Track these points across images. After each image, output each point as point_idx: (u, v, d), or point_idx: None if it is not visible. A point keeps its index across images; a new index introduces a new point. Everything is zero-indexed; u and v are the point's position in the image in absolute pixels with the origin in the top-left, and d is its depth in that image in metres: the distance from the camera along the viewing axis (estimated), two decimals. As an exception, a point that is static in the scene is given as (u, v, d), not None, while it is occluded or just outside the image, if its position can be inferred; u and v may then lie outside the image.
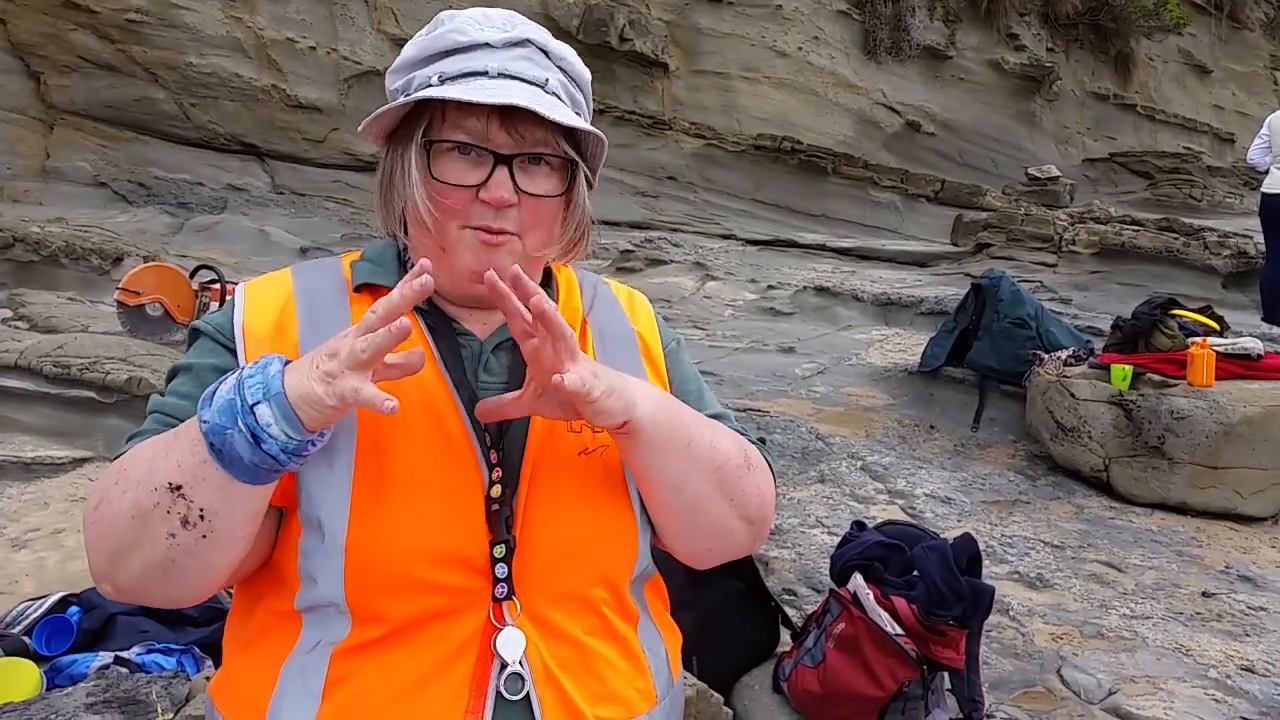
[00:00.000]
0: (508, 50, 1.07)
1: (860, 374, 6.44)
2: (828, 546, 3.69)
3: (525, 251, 1.08)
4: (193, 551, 0.92)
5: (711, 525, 1.12)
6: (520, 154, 1.05)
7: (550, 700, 1.01)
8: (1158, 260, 8.48)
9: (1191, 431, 4.42)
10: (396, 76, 1.11)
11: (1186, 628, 3.36)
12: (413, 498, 0.99)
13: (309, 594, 0.99)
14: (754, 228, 11.90)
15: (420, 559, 0.99)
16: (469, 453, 1.03)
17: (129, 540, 0.92)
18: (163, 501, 0.90)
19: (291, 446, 0.88)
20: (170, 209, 9.17)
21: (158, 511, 0.90)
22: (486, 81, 1.03)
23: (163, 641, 2.55)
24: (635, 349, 1.20)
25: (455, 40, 1.06)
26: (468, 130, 1.04)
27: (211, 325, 1.09)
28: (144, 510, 0.91)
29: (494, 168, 1.04)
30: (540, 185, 1.07)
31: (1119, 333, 5.08)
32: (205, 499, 0.90)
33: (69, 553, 3.56)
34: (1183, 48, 17.41)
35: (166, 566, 0.93)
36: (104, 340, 4.84)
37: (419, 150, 1.05)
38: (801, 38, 13.13)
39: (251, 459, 0.87)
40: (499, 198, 1.03)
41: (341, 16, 10.43)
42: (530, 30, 1.10)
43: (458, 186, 1.04)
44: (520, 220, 1.06)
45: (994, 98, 14.78)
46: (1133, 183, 14.03)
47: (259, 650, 1.03)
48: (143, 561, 0.93)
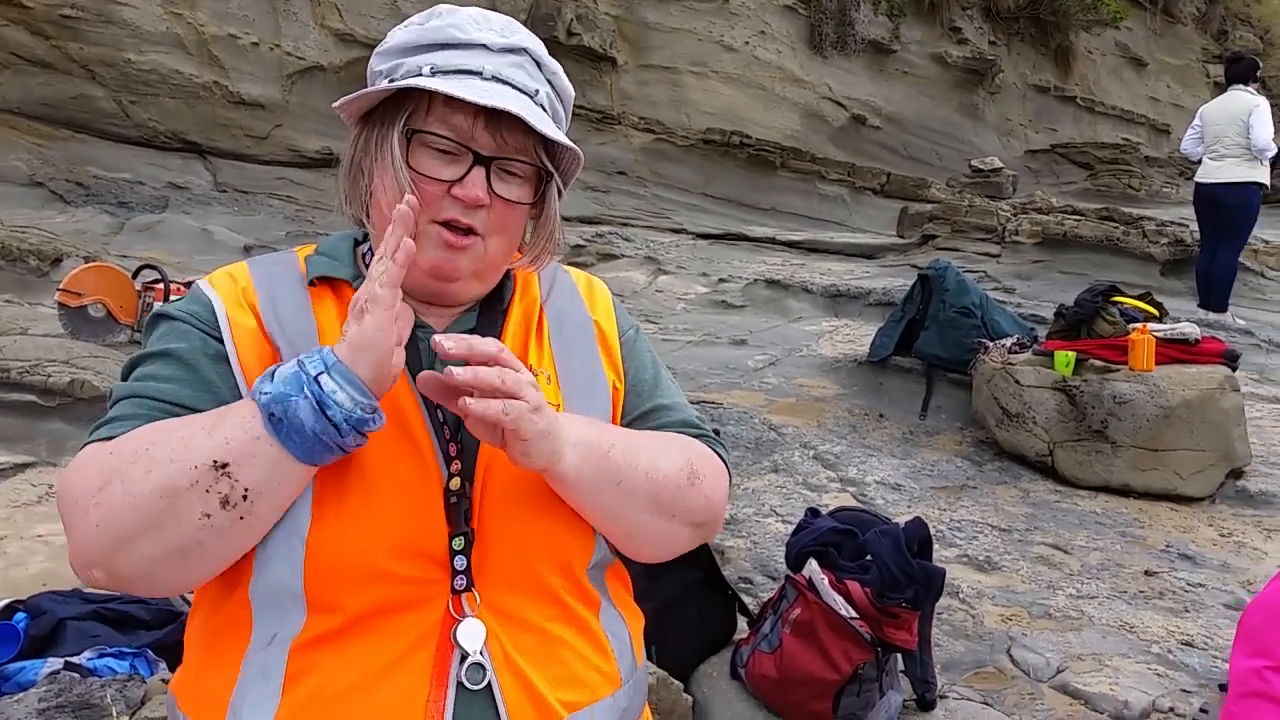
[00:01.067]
0: (503, 55, 1.08)
1: (811, 365, 6.50)
2: (782, 535, 3.74)
3: (486, 254, 1.09)
4: (225, 534, 0.92)
5: (654, 538, 1.14)
6: (500, 158, 1.06)
7: (512, 688, 1.01)
8: (1098, 249, 8.66)
9: (1133, 415, 4.53)
10: (383, 59, 1.10)
11: (1130, 606, 3.45)
12: (373, 490, 0.99)
13: (264, 580, 0.98)
14: (704, 221, 11.96)
15: (380, 550, 0.99)
16: (428, 446, 1.03)
17: (148, 522, 0.90)
18: (202, 480, 0.89)
19: (355, 416, 0.90)
20: (110, 208, 8.98)
21: (195, 491, 0.89)
22: (479, 82, 1.04)
23: (114, 645, 2.51)
24: (592, 337, 1.21)
25: (453, 35, 1.07)
26: (452, 126, 1.05)
27: (186, 313, 1.07)
28: (177, 489, 0.89)
29: (472, 166, 1.05)
30: (513, 191, 1.08)
31: (1062, 320, 5.19)
32: (252, 477, 0.90)
33: (12, 559, 3.48)
34: (1120, 41, 17.79)
35: (189, 550, 0.91)
36: (45, 343, 4.74)
37: (401, 138, 1.05)
38: (748, 32, 13.20)
39: (314, 427, 0.89)
40: (473, 196, 1.04)
41: (284, 12, 10.28)
42: (527, 40, 1.11)
43: (433, 180, 1.05)
44: (488, 222, 1.07)
45: (937, 91, 14.98)
46: (1073, 173, 14.33)
47: (219, 646, 1.03)
48: (161, 545, 0.91)
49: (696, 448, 1.19)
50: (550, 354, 1.17)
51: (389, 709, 0.98)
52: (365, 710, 0.97)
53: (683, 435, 1.21)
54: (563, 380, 1.15)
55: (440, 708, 0.98)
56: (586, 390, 1.17)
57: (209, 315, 1.06)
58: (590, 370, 1.19)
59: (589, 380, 1.18)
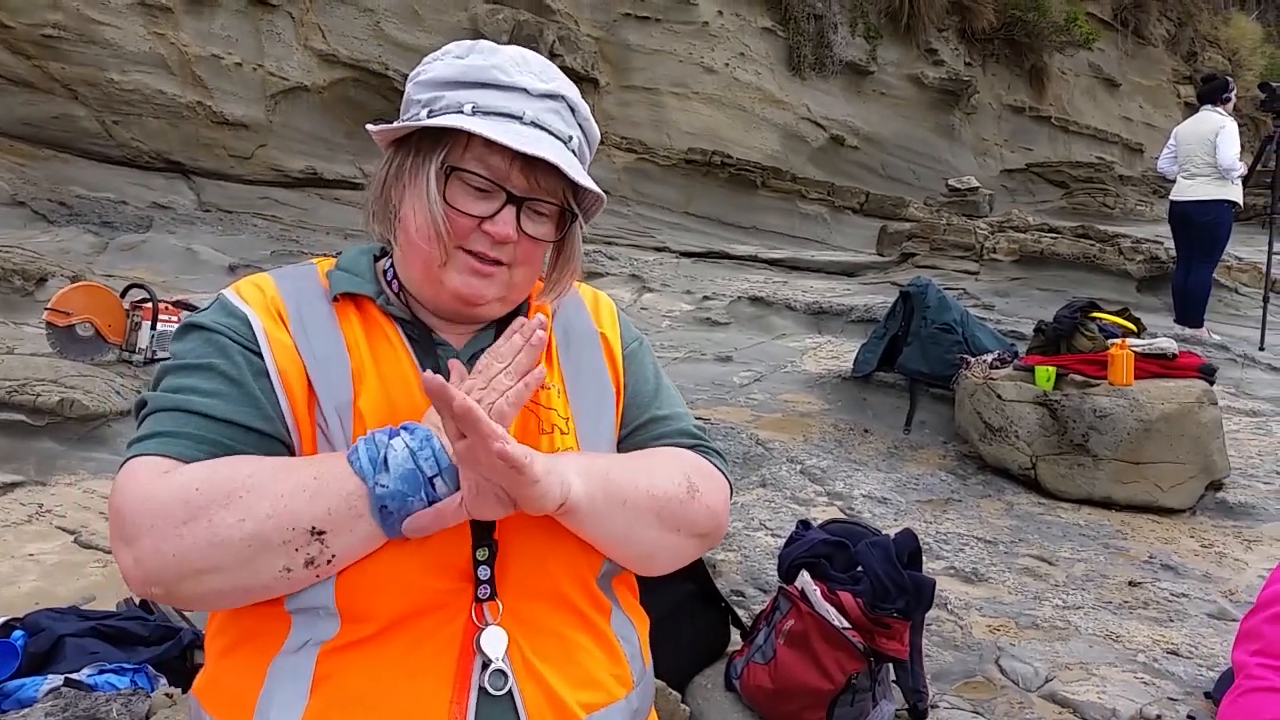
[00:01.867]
0: (542, 100, 1.12)
1: (796, 381, 6.56)
2: (772, 548, 3.77)
3: (511, 282, 1.14)
4: (296, 584, 0.98)
5: (665, 554, 1.19)
6: (531, 199, 1.11)
7: (532, 693, 1.05)
8: (1075, 266, 8.79)
9: (1114, 429, 4.61)
10: (422, 89, 1.13)
11: (1115, 616, 3.50)
12: None
13: (299, 597, 1.02)
14: (687, 240, 12.04)
15: (407, 565, 1.02)
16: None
17: (227, 564, 0.95)
18: (295, 540, 0.95)
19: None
20: (94, 228, 8.95)
21: (285, 548, 0.95)
22: (520, 128, 1.08)
23: (114, 662, 2.51)
24: (598, 349, 1.26)
25: (495, 77, 1.10)
26: (490, 167, 1.09)
27: (224, 326, 1.09)
28: (268, 544, 0.95)
29: (504, 205, 1.10)
30: (539, 229, 1.14)
31: (1042, 335, 5.27)
32: (342, 547, 0.97)
33: (3, 578, 3.47)
34: (1093, 62, 18.08)
35: (254, 591, 0.98)
36: (33, 362, 4.73)
37: (439, 173, 1.09)
38: (728, 54, 13.33)
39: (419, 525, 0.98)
40: (504, 233, 1.09)
41: (268, 32, 10.31)
42: (564, 86, 1.15)
43: (466, 215, 1.09)
44: (514, 255, 1.13)
45: (914, 111, 15.16)
46: (1049, 192, 14.51)
47: (247, 650, 1.06)
48: (231, 583, 0.96)
49: (691, 461, 1.22)
50: (559, 367, 1.21)
51: (413, 712, 1.01)
52: (389, 713, 1.00)
53: (680, 449, 1.24)
54: (571, 393, 1.19)
55: (463, 712, 1.02)
56: (595, 403, 1.21)
57: (246, 329, 1.09)
58: (599, 383, 1.23)
59: (597, 393, 1.22)
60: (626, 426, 1.25)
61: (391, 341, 1.13)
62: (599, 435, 1.19)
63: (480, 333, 1.19)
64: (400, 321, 1.15)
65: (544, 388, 1.16)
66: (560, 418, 1.16)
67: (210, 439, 1.02)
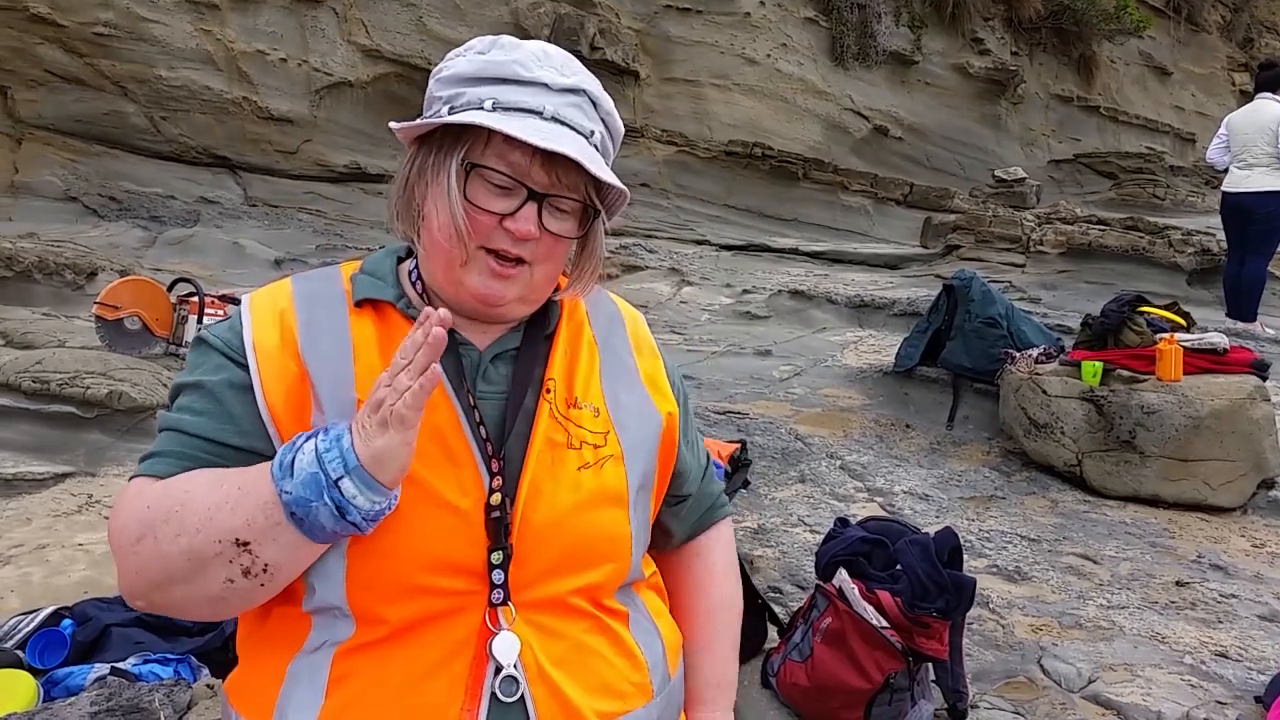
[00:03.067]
0: (563, 95, 1.11)
1: (836, 375, 6.51)
2: (810, 544, 3.75)
3: (533, 281, 1.12)
4: (246, 595, 0.98)
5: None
6: (552, 194, 1.10)
7: (544, 700, 1.04)
8: (1124, 259, 8.63)
9: (1161, 425, 4.52)
10: (443, 86, 1.12)
11: (1162, 616, 3.44)
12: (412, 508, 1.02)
13: (313, 599, 1.03)
14: (727, 233, 11.99)
15: (419, 566, 1.02)
16: (469, 462, 1.06)
17: (179, 576, 0.97)
18: (226, 553, 0.95)
19: (373, 513, 0.95)
20: (143, 222, 9.11)
21: (219, 560, 0.95)
22: (540, 123, 1.07)
23: (158, 652, 2.56)
24: (637, 373, 1.24)
25: (515, 72, 1.09)
26: (510, 163, 1.08)
27: (220, 340, 1.10)
28: (203, 557, 0.96)
29: (525, 202, 1.08)
30: (561, 226, 1.12)
31: (1088, 330, 5.18)
32: (272, 556, 0.96)
33: (54, 567, 3.54)
34: (1143, 50, 17.72)
35: (216, 600, 0.99)
36: (83, 355, 4.82)
37: (460, 170, 1.08)
38: (770, 45, 13.24)
39: (334, 528, 0.94)
40: (525, 230, 1.07)
41: (312, 28, 10.41)
42: (586, 80, 1.14)
43: (487, 212, 1.08)
44: (536, 252, 1.11)
45: (960, 101, 14.97)
46: (1098, 183, 14.26)
47: (270, 649, 1.07)
48: (191, 594, 0.98)
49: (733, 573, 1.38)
50: (599, 386, 1.19)
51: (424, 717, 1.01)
52: (402, 715, 1.01)
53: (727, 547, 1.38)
54: (612, 412, 1.17)
55: (475, 710, 1.01)
56: (636, 420, 1.19)
57: (238, 342, 1.09)
58: (638, 401, 1.21)
59: (639, 412, 1.20)
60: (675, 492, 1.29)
61: None
62: (640, 453, 1.18)
63: (506, 334, 1.17)
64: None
65: (576, 406, 1.14)
66: (594, 434, 1.14)
67: (190, 455, 1.04)
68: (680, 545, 1.34)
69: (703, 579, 1.34)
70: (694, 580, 1.34)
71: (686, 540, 1.35)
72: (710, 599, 1.34)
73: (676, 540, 1.33)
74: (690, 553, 1.35)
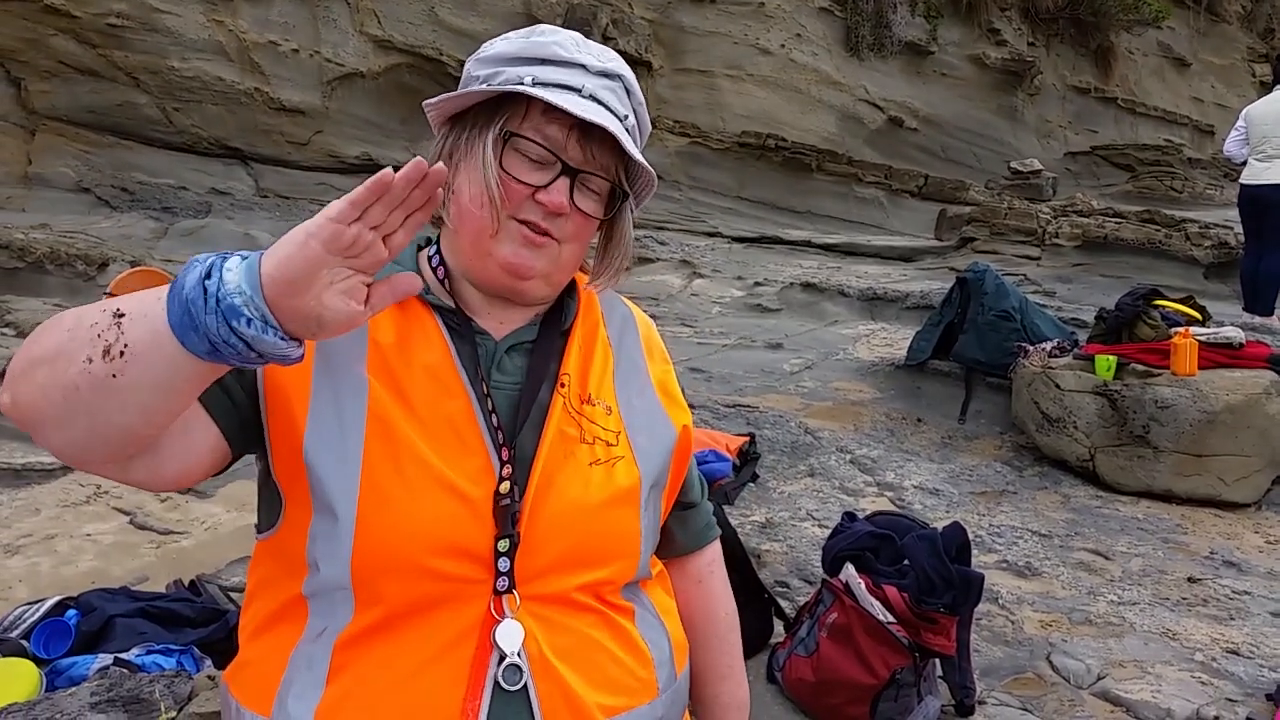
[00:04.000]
0: (600, 78, 1.12)
1: (847, 369, 6.48)
2: (818, 539, 3.73)
3: (560, 258, 1.13)
4: (95, 387, 0.84)
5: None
6: (585, 171, 1.10)
7: (548, 691, 1.03)
8: (1140, 252, 8.56)
9: (1176, 420, 4.48)
10: (482, 66, 1.13)
11: (1173, 613, 3.41)
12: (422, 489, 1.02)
13: (315, 579, 1.02)
14: (739, 225, 11.94)
15: (426, 548, 1.01)
16: (480, 449, 1.06)
17: (51, 351, 0.86)
18: (100, 321, 0.85)
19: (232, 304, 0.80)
20: (154, 214, 9.13)
21: (91, 331, 0.84)
22: (579, 99, 1.08)
23: (161, 642, 2.56)
24: (649, 379, 1.24)
25: (555, 52, 1.10)
26: (547, 136, 1.09)
27: None
28: (81, 325, 0.85)
29: (559, 175, 1.09)
30: (589, 205, 1.13)
31: (1103, 324, 5.13)
32: (135, 335, 0.83)
33: (62, 558, 3.56)
34: (1162, 41, 17.55)
35: (67, 393, 0.85)
36: (92, 345, 4.83)
37: (497, 139, 1.09)
38: (784, 35, 13.17)
39: (191, 291, 0.81)
40: (557, 202, 1.08)
41: (324, 19, 10.40)
42: (621, 68, 1.15)
43: (520, 183, 1.08)
44: (564, 229, 1.11)
45: (976, 93, 14.86)
46: (1114, 175, 14.14)
47: (270, 638, 1.06)
48: (49, 378, 0.85)
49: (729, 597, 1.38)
50: (611, 386, 1.19)
51: (426, 704, 1.00)
52: (403, 705, 1.00)
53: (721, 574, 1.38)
54: (625, 413, 1.17)
55: (476, 707, 1.00)
56: (648, 425, 1.19)
57: None
58: (650, 407, 1.21)
59: (649, 416, 1.20)
60: (684, 499, 1.32)
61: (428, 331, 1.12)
62: (653, 456, 1.17)
63: (524, 327, 1.17)
64: (440, 311, 1.13)
65: (589, 403, 1.15)
66: (606, 431, 1.14)
67: None
68: (679, 556, 1.35)
69: (709, 606, 1.36)
70: (700, 608, 1.35)
71: (686, 553, 1.35)
72: (720, 624, 1.36)
73: (678, 550, 1.34)
74: (690, 579, 1.35)
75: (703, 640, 1.33)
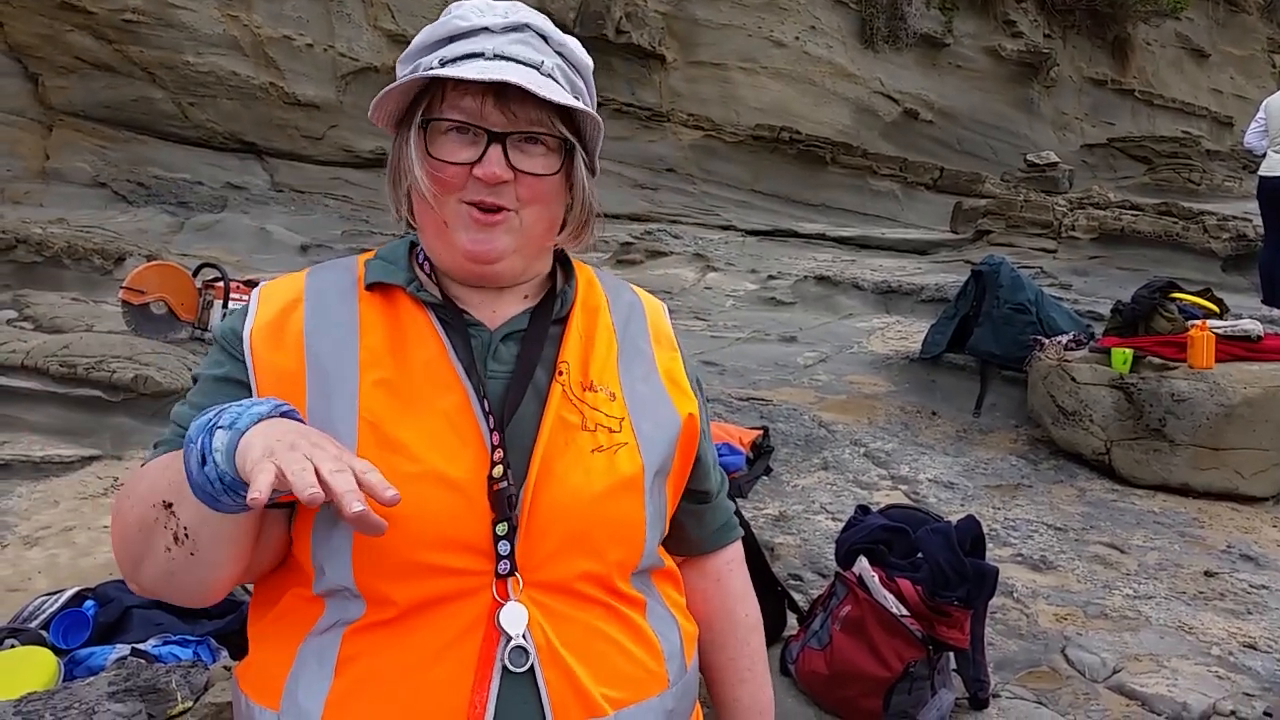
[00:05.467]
0: (506, 35, 1.09)
1: (862, 362, 6.46)
2: (832, 532, 3.72)
3: (524, 228, 1.10)
4: (186, 567, 0.97)
5: None
6: (514, 132, 1.07)
7: (556, 680, 1.03)
8: (1157, 244, 8.50)
9: (1192, 414, 4.45)
10: (404, 65, 1.13)
11: (1189, 607, 3.39)
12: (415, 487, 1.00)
13: (323, 581, 1.02)
14: (753, 218, 11.92)
15: (424, 544, 1.01)
16: (476, 439, 1.05)
17: (140, 551, 0.98)
18: (160, 518, 0.95)
19: (226, 479, 0.86)
20: (170, 208, 9.19)
21: (156, 526, 0.95)
22: (482, 63, 1.06)
23: (178, 633, 2.58)
24: (655, 366, 1.21)
25: (456, 25, 1.09)
26: (463, 109, 1.06)
27: (222, 335, 1.12)
28: (146, 524, 0.96)
29: (488, 145, 1.06)
30: (536, 164, 1.08)
31: (1119, 316, 5.10)
32: (187, 517, 0.93)
33: (80, 549, 3.59)
34: (1180, 32, 17.41)
35: (169, 577, 0.98)
36: (109, 339, 4.86)
37: (418, 130, 1.08)
38: (798, 27, 13.13)
39: (197, 476, 0.87)
40: (491, 174, 1.05)
41: (338, 13, 10.43)
42: (529, 16, 1.13)
43: (453, 164, 1.07)
44: (518, 195, 1.08)
45: (991, 85, 14.78)
46: (1131, 168, 14.05)
47: (280, 632, 1.06)
48: (153, 569, 0.98)
49: (760, 628, 1.35)
50: (615, 371, 1.17)
51: (435, 692, 1.00)
52: (412, 693, 1.00)
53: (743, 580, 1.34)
54: (628, 400, 1.15)
55: (484, 697, 1.00)
56: (653, 412, 1.16)
57: (235, 336, 1.10)
58: (655, 394, 1.19)
59: (654, 403, 1.18)
60: (696, 486, 1.27)
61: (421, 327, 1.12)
62: (657, 442, 1.15)
63: (514, 318, 1.16)
64: (431, 306, 1.13)
65: (591, 389, 1.13)
66: (609, 418, 1.12)
67: (179, 444, 1.02)
68: (699, 556, 1.32)
69: (729, 607, 1.33)
70: (718, 606, 1.32)
71: (705, 553, 1.32)
72: (740, 626, 1.33)
73: (694, 549, 1.31)
74: (709, 578, 1.32)
75: (720, 640, 1.31)
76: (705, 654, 1.30)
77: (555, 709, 1.02)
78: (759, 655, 1.34)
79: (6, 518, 3.79)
